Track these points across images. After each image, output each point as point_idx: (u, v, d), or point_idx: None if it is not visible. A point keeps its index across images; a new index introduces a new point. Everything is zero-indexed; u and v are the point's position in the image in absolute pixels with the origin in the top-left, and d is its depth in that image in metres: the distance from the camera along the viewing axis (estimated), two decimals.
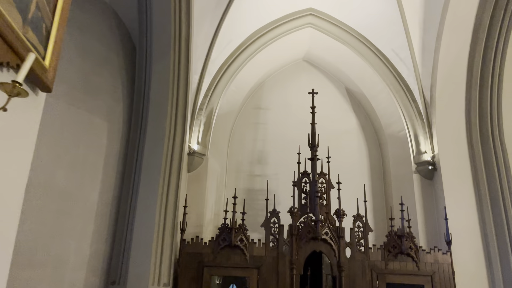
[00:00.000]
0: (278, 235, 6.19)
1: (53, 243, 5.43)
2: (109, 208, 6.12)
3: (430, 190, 6.99)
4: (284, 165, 7.05)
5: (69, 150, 5.91)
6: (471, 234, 6.39)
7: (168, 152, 6.27)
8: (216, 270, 5.99)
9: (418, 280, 6.02)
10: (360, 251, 6.15)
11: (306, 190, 6.60)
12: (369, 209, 7.47)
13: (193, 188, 6.86)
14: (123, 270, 5.65)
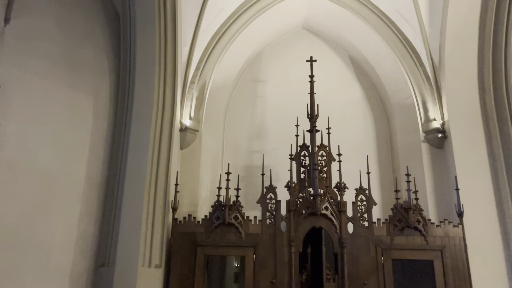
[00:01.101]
0: (275, 212, 5.83)
1: (36, 225, 5.23)
2: (97, 188, 5.87)
3: (440, 160, 6.49)
4: (284, 140, 6.61)
5: (52, 128, 5.66)
6: (485, 205, 5.90)
7: (156, 128, 5.93)
8: (210, 249, 5.68)
9: (426, 255, 5.59)
10: (363, 226, 5.74)
11: (305, 164, 6.21)
12: (375, 182, 7.05)
13: (186, 165, 6.53)
14: (112, 251, 5.39)
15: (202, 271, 5.56)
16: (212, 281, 6.14)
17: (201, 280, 5.52)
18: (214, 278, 6.35)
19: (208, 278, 6.18)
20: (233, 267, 6.42)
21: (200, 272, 5.55)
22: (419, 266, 5.83)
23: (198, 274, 5.54)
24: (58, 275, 5.24)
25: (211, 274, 6.24)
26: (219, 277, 6.41)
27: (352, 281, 5.45)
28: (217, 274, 6.39)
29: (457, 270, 5.49)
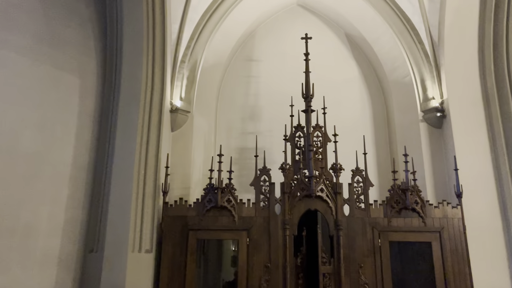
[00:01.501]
0: (269, 194, 5.66)
1: (21, 209, 5.05)
2: (85, 171, 5.66)
3: (438, 140, 6.31)
4: (279, 121, 6.38)
5: (36, 109, 5.43)
6: (485, 185, 5.75)
7: (145, 109, 5.70)
8: (202, 233, 5.52)
9: (424, 237, 5.45)
10: (359, 208, 5.59)
11: (300, 145, 6.01)
12: (372, 163, 6.88)
13: (178, 147, 6.33)
14: (101, 237, 5.21)
15: (194, 256, 5.41)
16: (205, 265, 6.00)
17: (193, 265, 5.38)
18: (207, 263, 6.21)
19: (201, 263, 6.06)
20: (227, 251, 6.28)
21: (192, 257, 5.40)
22: (417, 248, 5.69)
23: (190, 259, 5.39)
24: (46, 260, 5.07)
25: (204, 258, 6.11)
26: (212, 261, 6.27)
27: (348, 264, 5.32)
28: (210, 258, 6.25)
29: (455, 251, 5.36)
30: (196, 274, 5.75)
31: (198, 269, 6.06)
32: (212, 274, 6.31)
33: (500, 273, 5.47)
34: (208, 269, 6.06)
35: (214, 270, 6.17)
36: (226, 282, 5.92)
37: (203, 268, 6.14)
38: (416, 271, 5.73)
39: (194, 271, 5.37)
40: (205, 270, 6.13)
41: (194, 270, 5.38)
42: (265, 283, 5.28)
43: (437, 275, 5.29)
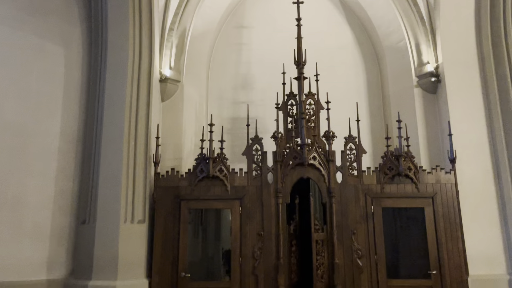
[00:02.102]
0: (262, 163, 5.61)
1: (8, 182, 5.00)
2: (74, 143, 5.59)
3: (433, 105, 6.23)
4: (271, 89, 6.22)
5: (18, 80, 5.29)
6: (479, 150, 5.71)
7: (133, 79, 5.57)
8: (194, 203, 5.50)
9: (417, 203, 5.44)
10: (352, 175, 5.55)
11: (293, 113, 5.91)
12: (366, 130, 6.82)
13: (168, 118, 6.24)
14: (92, 208, 5.19)
15: (186, 225, 5.40)
16: (204, 234, 6.03)
17: (186, 235, 5.38)
18: (205, 232, 6.23)
19: (199, 232, 6.08)
20: (224, 220, 6.27)
21: (185, 226, 5.40)
22: (410, 214, 5.71)
23: (183, 228, 5.39)
24: (37, 232, 5.07)
25: (203, 228, 6.13)
26: (210, 231, 6.29)
27: (341, 230, 5.33)
28: (207, 228, 6.26)
29: (448, 216, 5.37)
30: (193, 244, 5.81)
31: (196, 238, 6.11)
32: (210, 243, 6.34)
33: (492, 237, 5.50)
34: (206, 238, 6.09)
35: (212, 239, 6.20)
36: (223, 251, 5.95)
37: (201, 237, 6.18)
38: (409, 236, 5.78)
39: (187, 240, 5.38)
40: (203, 239, 6.17)
41: (187, 240, 5.38)
42: (258, 251, 5.30)
43: (429, 240, 5.32)
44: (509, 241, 5.42)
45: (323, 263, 5.27)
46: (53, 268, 5.11)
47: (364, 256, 5.29)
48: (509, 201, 5.46)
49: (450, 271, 5.22)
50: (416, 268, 5.51)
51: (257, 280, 5.22)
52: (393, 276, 5.29)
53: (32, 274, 4.97)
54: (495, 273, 5.37)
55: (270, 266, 5.25)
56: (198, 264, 5.98)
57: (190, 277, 5.28)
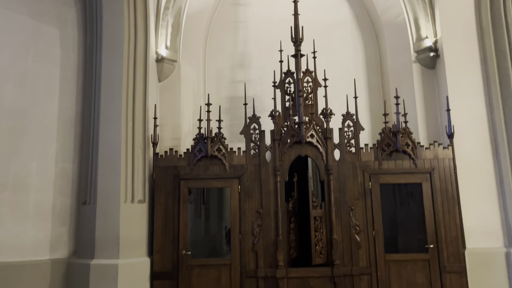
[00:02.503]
0: (260, 142, 5.63)
1: (10, 164, 5.05)
2: (72, 125, 5.61)
3: (431, 81, 6.19)
4: (269, 68, 6.19)
5: (15, 63, 5.29)
6: (477, 125, 5.70)
7: (129, 59, 5.55)
8: (193, 182, 5.55)
9: (415, 179, 5.47)
10: (350, 152, 5.57)
11: (290, 91, 5.90)
12: (365, 107, 6.80)
13: (166, 98, 6.23)
14: (93, 189, 5.25)
15: (186, 205, 5.46)
16: (200, 213, 6.10)
17: (185, 213, 5.45)
18: (201, 211, 6.31)
19: (202, 211, 6.16)
20: (226, 199, 6.33)
21: (184, 206, 5.46)
22: (408, 190, 5.77)
23: (182, 208, 5.45)
24: (40, 213, 5.15)
25: (205, 208, 6.21)
26: (207, 209, 6.36)
27: (339, 207, 5.38)
28: (209, 207, 6.34)
29: (445, 191, 5.41)
30: (194, 222, 5.90)
31: (198, 217, 6.20)
32: (210, 221, 6.43)
33: (490, 211, 5.53)
34: (207, 217, 6.17)
35: (213, 218, 6.28)
36: (224, 229, 6.03)
37: (203, 216, 6.26)
38: (407, 211, 5.84)
39: (187, 219, 5.45)
40: (205, 218, 6.25)
41: (187, 218, 5.45)
42: (257, 228, 5.37)
43: (427, 215, 5.37)
44: (506, 215, 5.46)
45: (321, 239, 5.35)
46: (56, 248, 5.21)
47: (362, 231, 5.35)
48: (506, 175, 5.47)
49: (447, 245, 5.29)
50: (414, 242, 5.59)
51: (257, 257, 5.31)
52: (391, 251, 5.37)
53: (36, 254, 5.07)
54: (492, 246, 5.43)
55: (269, 243, 5.33)
56: (199, 242, 6.09)
57: (191, 255, 5.37)
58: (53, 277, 5.08)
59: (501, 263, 5.36)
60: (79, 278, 5.01)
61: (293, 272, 5.22)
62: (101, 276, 4.90)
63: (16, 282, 4.82)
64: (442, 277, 5.23)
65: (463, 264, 5.26)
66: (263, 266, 5.28)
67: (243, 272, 5.29)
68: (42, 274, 5.02)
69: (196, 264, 5.35)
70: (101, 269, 4.92)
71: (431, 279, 5.24)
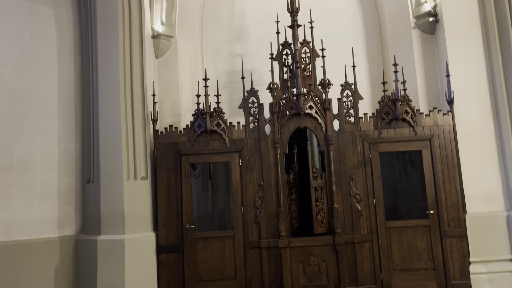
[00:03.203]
0: (258, 115, 5.64)
1: (13, 146, 5.14)
2: (72, 105, 5.66)
3: (431, 46, 6.08)
4: (267, 40, 6.10)
5: (11, 45, 5.29)
6: (477, 89, 5.63)
7: (125, 37, 5.52)
8: (194, 157, 5.61)
9: (415, 146, 5.47)
10: (349, 122, 5.56)
11: (288, 63, 5.85)
12: (364, 76, 6.74)
13: (164, 75, 6.23)
14: (96, 167, 5.34)
15: (188, 179, 5.55)
16: (205, 188, 6.19)
17: (187, 188, 5.54)
18: (206, 186, 6.40)
19: (208, 186, 6.25)
20: (225, 173, 6.41)
21: (186, 180, 5.54)
22: (408, 157, 5.77)
23: (185, 183, 5.54)
24: (46, 192, 5.26)
25: (212, 183, 6.29)
26: (212, 184, 6.44)
27: (339, 176, 5.42)
28: (216, 182, 6.42)
29: (446, 157, 5.41)
30: (198, 196, 6.00)
31: (204, 192, 6.29)
32: (214, 196, 6.52)
33: (490, 176, 5.53)
34: (212, 191, 6.26)
35: (216, 192, 6.36)
36: (226, 202, 6.13)
37: (208, 191, 6.35)
38: (407, 179, 5.87)
39: (189, 193, 5.54)
40: (210, 192, 6.34)
41: (190, 193, 5.54)
42: (259, 200, 5.45)
43: (427, 182, 5.40)
44: (507, 179, 5.46)
45: (322, 208, 5.42)
46: (63, 225, 5.35)
47: (363, 200, 5.41)
48: (507, 138, 5.44)
49: (447, 210, 5.33)
50: (414, 209, 5.64)
51: (259, 228, 5.42)
52: (391, 218, 5.43)
53: (44, 232, 5.22)
54: (493, 210, 5.46)
55: (271, 214, 5.42)
56: (202, 216, 6.21)
57: (195, 228, 5.49)
58: (62, 254, 5.24)
59: (502, 227, 5.40)
60: (87, 253, 5.17)
61: (295, 242, 5.32)
62: (108, 251, 5.05)
63: (27, 260, 4.99)
64: (443, 242, 5.29)
65: (464, 228, 5.31)
66: (265, 237, 5.39)
67: (247, 243, 5.41)
68: (51, 251, 5.18)
69: (200, 237, 5.48)
70: (107, 244, 5.06)
71: (431, 244, 5.31)
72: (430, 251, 5.31)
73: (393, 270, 5.31)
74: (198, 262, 5.41)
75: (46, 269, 5.11)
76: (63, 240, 5.28)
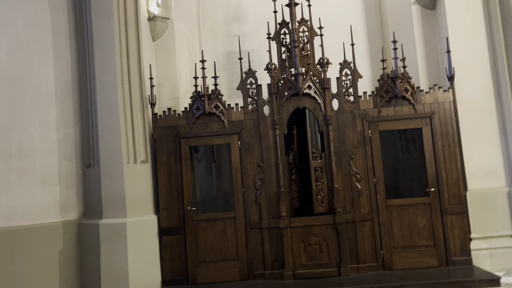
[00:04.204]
0: (257, 96, 5.60)
1: (12, 133, 5.14)
2: (70, 90, 5.61)
3: (431, 22, 5.98)
4: (265, 20, 6.02)
5: (6, 30, 5.24)
6: (478, 65, 5.56)
7: (120, 20, 5.43)
8: (193, 140, 5.60)
9: (414, 124, 5.43)
10: (349, 101, 5.52)
11: (286, 42, 5.78)
12: (364, 55, 6.64)
13: (162, 57, 6.17)
14: (95, 152, 5.34)
15: (188, 162, 5.55)
16: (217, 170, 6.21)
17: (188, 171, 5.55)
18: (205, 167, 6.42)
19: (212, 169, 6.27)
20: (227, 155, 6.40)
21: (186, 163, 5.55)
22: (408, 136, 5.75)
23: (185, 165, 5.54)
24: (46, 178, 5.27)
25: (216, 166, 6.30)
26: (207, 166, 6.45)
27: (338, 156, 5.41)
28: (208, 163, 6.43)
29: (446, 135, 5.37)
30: (200, 179, 6.02)
31: (208, 175, 6.31)
32: (215, 178, 6.54)
33: (492, 152, 5.52)
34: (205, 172, 6.28)
35: (218, 174, 6.38)
36: (226, 184, 6.15)
37: (215, 173, 6.37)
38: (408, 157, 5.85)
39: (189, 176, 5.55)
40: (216, 174, 6.36)
41: (189, 175, 5.56)
42: (259, 181, 5.46)
43: (427, 159, 5.38)
44: (508, 155, 5.44)
45: (322, 188, 5.42)
46: (65, 210, 5.38)
47: (363, 179, 5.40)
48: (509, 115, 5.39)
49: (448, 188, 5.32)
50: (415, 187, 5.64)
51: (260, 209, 5.44)
52: (392, 197, 5.43)
53: (47, 217, 5.24)
54: (494, 186, 5.46)
55: (271, 195, 5.43)
56: (206, 198, 6.25)
57: (196, 210, 5.52)
58: (66, 238, 5.28)
59: (503, 203, 5.41)
60: (90, 237, 5.21)
61: (296, 222, 5.34)
62: (111, 235, 5.09)
63: (30, 245, 5.04)
64: (443, 219, 5.31)
65: (465, 205, 5.32)
66: (266, 217, 5.41)
67: (248, 224, 5.44)
68: (54, 236, 5.22)
69: (202, 219, 5.51)
70: (110, 228, 5.10)
71: (432, 221, 5.33)
72: (431, 229, 5.33)
73: (394, 248, 5.34)
74: (200, 244, 5.46)
75: (49, 254, 5.16)
76: (66, 225, 5.32)
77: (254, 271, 5.39)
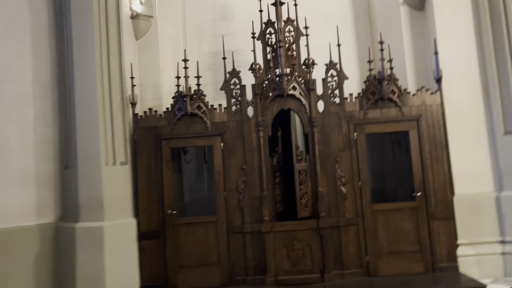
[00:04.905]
0: (241, 97, 5.46)
1: None
2: (49, 88, 5.46)
3: (420, 23, 5.87)
4: (252, 19, 5.93)
5: None
6: (467, 68, 5.44)
7: (100, 17, 5.30)
8: (175, 142, 5.45)
9: (401, 127, 5.31)
10: (334, 103, 5.39)
11: (272, 42, 5.65)
12: (352, 56, 6.55)
13: (145, 57, 6.03)
14: (73, 153, 5.19)
15: (169, 164, 5.41)
16: (182, 172, 6.06)
17: (169, 174, 5.40)
18: (193, 168, 6.28)
19: (203, 171, 6.13)
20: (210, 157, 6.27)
21: (167, 166, 5.40)
22: (395, 139, 5.64)
23: (165, 168, 5.40)
24: (22, 179, 5.10)
25: (207, 167, 6.16)
26: (198, 167, 6.32)
27: (323, 159, 5.28)
28: (195, 165, 6.30)
29: (433, 138, 5.26)
30: (183, 181, 5.89)
31: (199, 177, 6.18)
32: (200, 179, 6.40)
33: (480, 156, 5.39)
34: (186, 175, 6.14)
35: (191, 175, 6.24)
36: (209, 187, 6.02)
37: (206, 175, 6.22)
38: (394, 161, 5.73)
39: (170, 179, 5.41)
40: (209, 176, 6.20)
41: (171, 178, 5.41)
42: (242, 184, 5.32)
43: (414, 163, 5.26)
44: (496, 159, 5.32)
45: (306, 192, 5.29)
46: (42, 213, 5.21)
47: (348, 183, 5.28)
48: (497, 118, 5.28)
49: (435, 192, 5.21)
50: (401, 192, 5.52)
51: (243, 212, 5.30)
52: (378, 201, 5.32)
53: (23, 220, 5.08)
54: (482, 191, 5.34)
55: (254, 198, 5.29)
56: (194, 200, 6.11)
57: (176, 214, 5.38)
58: (42, 242, 5.12)
59: (491, 208, 5.28)
60: (66, 241, 5.05)
61: (279, 226, 5.21)
62: (87, 238, 4.94)
63: (4, 248, 4.88)
64: (430, 224, 5.19)
65: (451, 210, 5.20)
66: (249, 222, 5.27)
67: (230, 228, 5.30)
68: (30, 239, 5.05)
69: (182, 223, 5.37)
70: (86, 231, 4.95)
71: (418, 227, 5.21)
72: (417, 234, 5.21)
73: (379, 254, 5.21)
74: (181, 248, 5.31)
75: (25, 257, 5.00)
76: (42, 228, 5.16)
77: (236, 276, 5.25)
